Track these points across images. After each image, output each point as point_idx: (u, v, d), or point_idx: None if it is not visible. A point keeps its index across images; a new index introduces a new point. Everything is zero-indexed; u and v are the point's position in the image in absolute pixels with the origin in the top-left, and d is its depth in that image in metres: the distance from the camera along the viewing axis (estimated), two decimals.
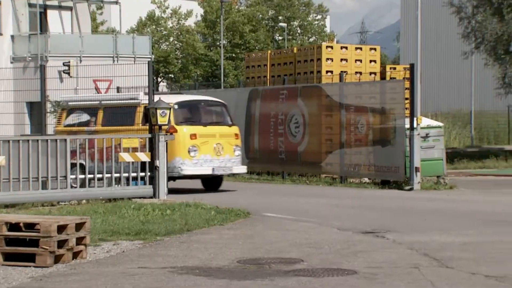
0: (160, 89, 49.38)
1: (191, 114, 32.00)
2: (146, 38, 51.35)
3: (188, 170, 29.24)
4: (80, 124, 33.21)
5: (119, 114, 32.38)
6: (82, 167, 25.41)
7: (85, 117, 33.65)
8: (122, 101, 33.10)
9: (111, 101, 33.71)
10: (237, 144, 32.39)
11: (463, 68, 58.00)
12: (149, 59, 36.07)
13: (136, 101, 31.52)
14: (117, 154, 24.40)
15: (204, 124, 31.73)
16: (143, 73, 28.44)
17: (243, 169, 33.12)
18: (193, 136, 30.18)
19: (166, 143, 25.21)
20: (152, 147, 23.33)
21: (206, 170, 30.40)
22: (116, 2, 60.64)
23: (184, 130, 30.22)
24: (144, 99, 29.71)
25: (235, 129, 32.71)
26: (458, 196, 26.28)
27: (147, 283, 11.89)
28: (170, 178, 28.87)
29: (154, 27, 67.24)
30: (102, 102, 33.44)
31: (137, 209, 21.04)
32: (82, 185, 23.33)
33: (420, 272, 11.83)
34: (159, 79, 62.79)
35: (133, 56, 45.33)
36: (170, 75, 69.76)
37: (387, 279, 11.30)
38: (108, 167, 25.41)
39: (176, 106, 29.02)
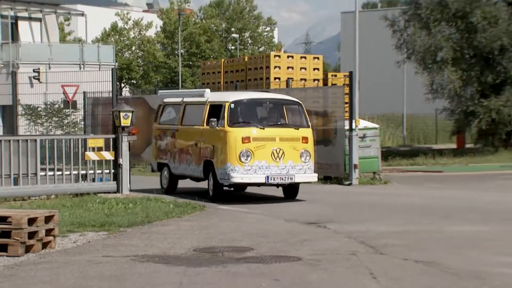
0: (123, 94, 48.77)
1: (248, 114, 24.72)
2: (110, 47, 51.29)
3: (237, 177, 22.99)
4: (169, 121, 27.87)
5: (193, 113, 26.96)
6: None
7: (173, 114, 28.19)
8: (196, 99, 27.24)
9: (190, 98, 27.92)
10: (305, 148, 24.22)
11: (396, 75, 58.77)
12: (113, 67, 36.10)
13: (203, 99, 26.04)
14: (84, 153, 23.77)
15: (261, 126, 24.15)
16: (108, 79, 28.17)
17: (310, 177, 24.75)
18: (245, 139, 23.38)
19: (129, 143, 24.29)
20: (116, 147, 22.82)
21: (259, 178, 23.42)
22: (82, 14, 61.74)
23: (236, 133, 23.47)
24: (210, 97, 25.37)
25: (304, 132, 24.51)
26: (392, 190, 26.80)
27: (111, 270, 11.89)
28: (223, 186, 24.22)
29: (117, 37, 67.10)
30: (184, 99, 27.58)
31: (102, 203, 20.91)
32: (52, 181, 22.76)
33: (358, 258, 12.17)
34: (122, 85, 62.54)
35: (98, 63, 45.40)
36: (132, 81, 69.67)
37: (329, 265, 11.63)
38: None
39: (232, 105, 23.52)
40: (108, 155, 23.20)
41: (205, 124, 23.71)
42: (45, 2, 54.40)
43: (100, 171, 23.49)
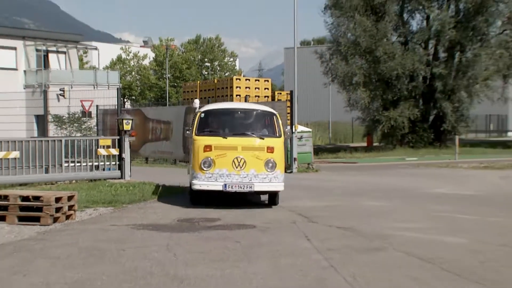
0: (125, 106, 49.06)
1: (216, 124, 19.56)
2: (116, 72, 51.16)
3: (197, 184, 18.03)
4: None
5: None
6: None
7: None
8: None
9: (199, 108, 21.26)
10: (270, 157, 17.96)
11: (324, 93, 63.60)
12: (118, 87, 35.95)
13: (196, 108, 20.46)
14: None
15: (224, 135, 18.54)
16: (114, 96, 27.75)
17: (273, 186, 17.84)
18: (207, 148, 18.29)
19: (129, 142, 23.90)
20: (120, 145, 22.91)
21: (217, 186, 18.06)
22: (96, 48, 62.26)
23: (200, 142, 18.33)
24: (198, 107, 19.82)
25: (269, 142, 18.09)
26: (321, 176, 26.88)
27: (116, 235, 12.24)
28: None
29: (121, 65, 67.14)
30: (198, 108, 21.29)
31: (109, 186, 20.88)
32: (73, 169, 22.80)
33: (297, 226, 13.00)
34: (125, 100, 62.55)
35: (107, 84, 45.31)
36: (132, 97, 69.80)
37: (276, 231, 12.41)
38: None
39: (202, 115, 18.49)
40: (114, 151, 23.13)
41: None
42: (68, 40, 54.50)
43: (108, 163, 23.45)
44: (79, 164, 22.78)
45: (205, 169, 15.37)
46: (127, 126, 22.45)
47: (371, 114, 46.68)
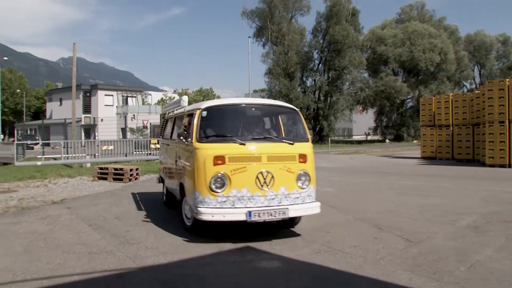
0: None
1: (225, 125, 7.60)
2: (160, 106, 53.24)
3: (207, 213, 6.55)
4: (166, 135, 12.02)
5: (178, 125, 10.21)
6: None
7: (169, 128, 11.82)
8: (180, 109, 9.43)
9: (177, 110, 10.30)
10: (303, 169, 7.05)
11: None
12: (160, 113, 38.69)
13: (182, 109, 9.12)
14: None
15: (241, 140, 6.87)
16: (158, 118, 31.11)
17: (310, 208, 7.06)
18: (218, 159, 6.73)
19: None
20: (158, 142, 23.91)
21: (237, 215, 6.57)
22: (150, 94, 64.28)
23: (206, 151, 6.78)
24: (188, 106, 9.24)
25: (301, 147, 7.20)
26: None
27: (159, 188, 11.57)
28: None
29: (162, 102, 67.39)
30: (175, 110, 10.39)
31: (156, 164, 20.73)
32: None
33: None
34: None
35: (155, 112, 47.89)
36: None
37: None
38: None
39: (204, 113, 7.24)
40: (158, 146, 23.79)
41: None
42: (136, 90, 62.76)
43: (155, 151, 23.78)
44: (141, 152, 24.22)
45: (216, 190, 6.61)
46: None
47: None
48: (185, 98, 8.31)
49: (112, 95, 58.92)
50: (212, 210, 6.46)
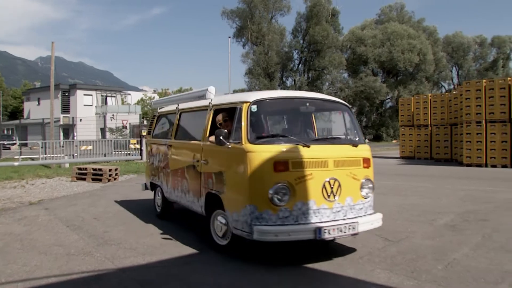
0: (143, 123, 51.35)
1: (279, 123, 7.43)
2: (139, 106, 52.90)
3: (269, 232, 5.11)
4: (163, 134, 8.91)
5: (191, 122, 7.80)
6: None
7: (167, 126, 8.82)
8: (194, 103, 7.41)
9: (186, 104, 7.96)
10: (367, 177, 5.90)
11: None
12: (140, 113, 38.62)
13: (204, 102, 6.90)
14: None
15: (304, 142, 5.52)
16: (137, 118, 31.05)
17: (376, 221, 5.86)
18: (280, 165, 5.24)
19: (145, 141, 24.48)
20: (140, 142, 23.61)
21: (304, 232, 5.20)
22: (130, 94, 63.63)
23: (263, 155, 5.28)
24: (215, 99, 6.71)
25: (364, 151, 6.02)
26: None
27: (138, 188, 11.48)
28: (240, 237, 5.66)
29: (142, 102, 66.90)
30: (179, 105, 7.95)
31: (135, 164, 21.17)
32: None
33: None
34: (143, 119, 62.91)
35: (135, 112, 47.71)
36: (147, 118, 69.51)
37: None
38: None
39: (254, 108, 5.62)
40: (138, 145, 24.27)
41: (207, 139, 6.51)
42: (116, 90, 62.51)
43: (134, 152, 24.08)
44: (120, 152, 24.24)
45: (279, 203, 5.20)
46: (144, 133, 23.99)
47: None
48: (212, 89, 6.58)
49: (91, 95, 58.48)
50: (275, 228, 5.18)
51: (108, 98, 58.35)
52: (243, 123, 5.57)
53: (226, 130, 5.84)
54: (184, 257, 5.93)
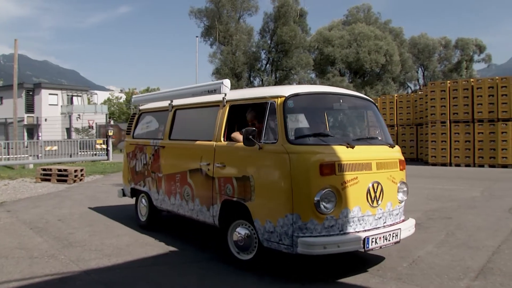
0: (110, 123, 50.92)
1: (318, 121, 6.02)
2: (105, 106, 52.24)
3: (317, 244, 4.48)
4: (149, 134, 7.73)
5: (191, 120, 6.92)
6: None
7: (154, 125, 7.77)
8: (197, 99, 6.40)
9: (184, 100, 6.86)
10: (403, 180, 5.48)
11: None
12: (106, 113, 38.15)
13: (215, 97, 5.92)
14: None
15: (348, 143, 4.93)
16: (104, 118, 31.00)
17: (412, 228, 5.46)
18: (326, 169, 4.60)
19: (111, 141, 24.86)
20: (107, 143, 23.93)
21: (353, 243, 4.65)
22: (96, 94, 62.72)
23: (307, 156, 4.64)
24: (230, 94, 5.82)
25: (398, 152, 5.60)
26: None
27: (104, 189, 12.61)
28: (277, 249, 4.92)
29: (108, 102, 65.72)
30: (174, 101, 6.98)
31: (101, 164, 21.40)
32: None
33: None
34: (110, 120, 61.94)
35: (102, 112, 46.83)
36: (114, 118, 68.41)
37: None
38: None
39: (290, 103, 4.95)
40: (104, 146, 24.33)
41: (222, 138, 5.63)
42: (82, 89, 60.86)
43: (101, 152, 24.14)
44: (86, 152, 24.14)
45: (325, 211, 4.58)
46: (110, 133, 24.35)
47: None
48: (227, 83, 5.74)
49: (57, 94, 57.21)
50: (322, 240, 4.57)
51: (74, 98, 57.27)
52: (279, 121, 4.91)
53: (255, 128, 5.09)
54: (150, 258, 5.86)
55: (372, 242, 4.75)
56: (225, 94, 5.81)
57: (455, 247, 6.26)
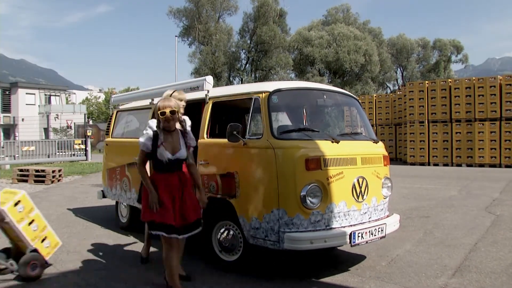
0: (89, 123, 50.28)
1: (301, 116, 5.81)
2: (84, 106, 51.59)
3: (303, 239, 4.45)
4: (130, 134, 7.41)
5: None
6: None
7: (135, 124, 7.50)
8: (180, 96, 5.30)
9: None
10: (386, 174, 5.49)
11: None
12: (85, 113, 37.83)
13: (199, 94, 5.86)
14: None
15: (333, 138, 4.92)
16: (82, 117, 31.20)
17: (396, 223, 5.47)
18: (311, 164, 4.56)
19: (90, 141, 24.41)
20: (85, 143, 23.86)
21: (339, 238, 4.64)
22: (74, 93, 62.23)
23: (292, 151, 4.61)
24: (212, 90, 5.74)
25: (382, 147, 5.64)
26: None
27: (83, 189, 12.52)
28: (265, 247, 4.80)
29: (87, 102, 65.04)
30: (155, 100, 6.35)
31: (80, 164, 21.40)
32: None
33: None
34: (88, 119, 61.22)
35: (80, 112, 46.35)
36: (93, 118, 67.58)
37: None
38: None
39: (275, 99, 4.89)
40: (83, 146, 24.28)
41: (205, 136, 5.48)
42: (60, 89, 59.40)
43: (79, 152, 24.18)
44: (64, 153, 24.02)
45: (311, 206, 4.55)
46: (89, 133, 24.15)
47: None
48: (210, 79, 5.64)
49: (34, 94, 56.11)
50: (309, 235, 4.54)
51: (52, 97, 56.38)
52: (264, 116, 4.88)
53: (239, 124, 4.91)
54: (129, 259, 5.82)
55: (358, 236, 4.74)
56: (208, 91, 5.73)
57: (433, 246, 6.32)
